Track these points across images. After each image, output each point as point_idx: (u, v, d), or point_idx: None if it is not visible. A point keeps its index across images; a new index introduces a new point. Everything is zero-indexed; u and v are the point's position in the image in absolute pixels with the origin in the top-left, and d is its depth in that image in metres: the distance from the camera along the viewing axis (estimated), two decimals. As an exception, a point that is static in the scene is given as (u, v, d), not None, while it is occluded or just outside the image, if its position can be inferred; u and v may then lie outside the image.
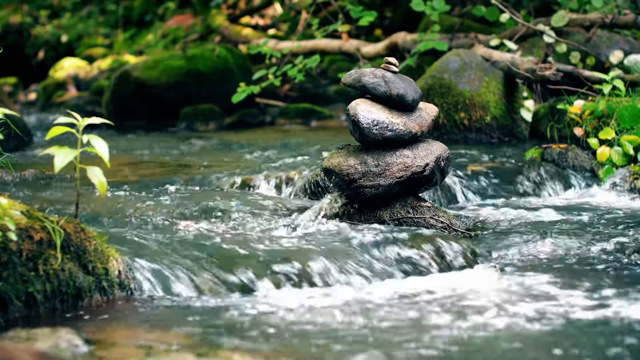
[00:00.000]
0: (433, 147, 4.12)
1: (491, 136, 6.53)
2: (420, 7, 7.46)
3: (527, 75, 6.41)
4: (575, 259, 3.71)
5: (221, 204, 4.45)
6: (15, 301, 2.81)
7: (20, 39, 16.75)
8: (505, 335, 2.75)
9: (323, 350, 2.62)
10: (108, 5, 16.92)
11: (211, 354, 2.39)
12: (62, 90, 13.08)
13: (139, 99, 9.53)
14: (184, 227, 4.03)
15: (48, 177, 5.29)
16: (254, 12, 13.96)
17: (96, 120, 3.15)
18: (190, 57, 9.77)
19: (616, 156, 5.24)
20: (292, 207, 4.47)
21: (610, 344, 2.65)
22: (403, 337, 2.74)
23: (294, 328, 2.84)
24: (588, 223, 4.26)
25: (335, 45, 9.32)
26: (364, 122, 4.00)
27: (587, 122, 5.63)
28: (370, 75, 4.06)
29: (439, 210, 4.15)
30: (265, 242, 3.69)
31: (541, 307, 3.02)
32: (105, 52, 15.21)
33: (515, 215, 4.54)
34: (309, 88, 11.13)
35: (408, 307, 3.08)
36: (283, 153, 6.58)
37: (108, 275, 3.08)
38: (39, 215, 2.97)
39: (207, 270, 3.29)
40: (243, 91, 7.52)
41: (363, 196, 4.08)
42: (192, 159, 6.43)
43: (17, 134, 6.02)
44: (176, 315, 2.99)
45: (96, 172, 3.01)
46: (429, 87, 6.59)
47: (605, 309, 2.99)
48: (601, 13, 7.00)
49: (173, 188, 4.95)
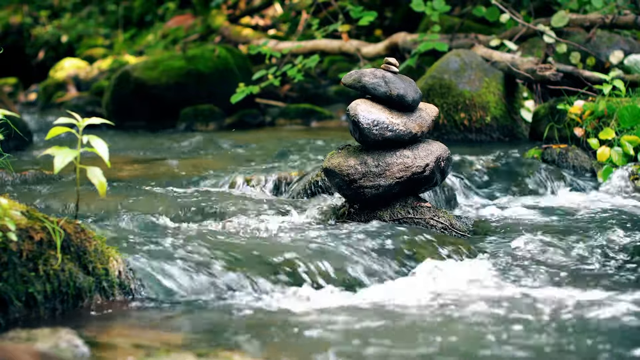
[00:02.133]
0: (433, 148, 4.12)
1: (491, 136, 6.53)
2: (421, 7, 7.46)
3: (527, 75, 6.41)
4: (575, 259, 3.71)
5: (221, 204, 4.45)
6: (15, 301, 2.81)
7: (21, 40, 16.75)
8: (505, 334, 2.75)
9: (323, 350, 2.62)
10: (108, 5, 16.92)
11: (211, 354, 2.39)
12: (62, 90, 13.08)
13: (139, 99, 9.53)
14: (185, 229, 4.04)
15: (48, 178, 5.29)
16: (254, 12, 13.96)
17: (96, 121, 3.15)
18: (190, 57, 9.77)
19: (616, 156, 5.24)
20: (292, 207, 4.47)
21: (609, 344, 2.65)
22: (402, 337, 2.74)
23: (294, 328, 2.84)
24: (588, 223, 4.26)
25: (335, 46, 9.32)
26: (364, 123, 4.00)
27: (587, 123, 5.63)
28: (370, 75, 4.06)
29: (439, 210, 4.15)
30: (265, 242, 3.69)
31: (541, 307, 3.02)
32: (105, 52, 15.21)
33: (516, 216, 4.54)
34: (309, 88, 11.13)
35: (407, 307, 3.08)
36: (283, 153, 6.58)
37: (108, 276, 3.08)
38: (39, 216, 2.97)
39: (208, 271, 3.29)
40: (242, 91, 7.52)
41: (363, 196, 4.08)
42: (193, 159, 6.43)
43: (17, 134, 6.02)
44: (176, 315, 2.99)
45: (96, 173, 3.01)
46: (429, 87, 6.59)
47: (605, 309, 2.99)
48: (601, 13, 7.00)
49: (173, 188, 4.95)
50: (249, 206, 4.45)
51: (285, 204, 4.52)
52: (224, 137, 8.04)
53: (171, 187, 4.98)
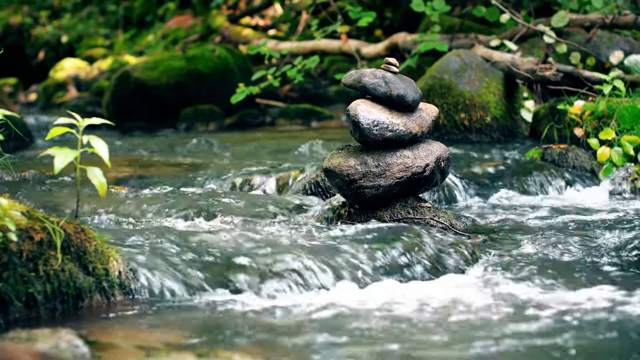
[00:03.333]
0: (433, 148, 4.12)
1: (491, 136, 6.53)
2: (421, 7, 7.46)
3: (527, 75, 6.41)
4: (575, 259, 3.71)
5: (222, 204, 4.45)
6: (15, 302, 2.81)
7: (21, 40, 16.75)
8: (505, 334, 2.75)
9: (323, 350, 2.62)
10: (108, 5, 16.92)
11: (211, 354, 2.39)
12: (63, 90, 13.08)
13: (139, 99, 9.53)
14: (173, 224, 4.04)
15: (48, 178, 5.29)
16: (254, 12, 13.96)
17: (96, 121, 3.15)
18: (190, 57, 9.77)
19: (616, 156, 5.24)
20: (293, 207, 4.47)
21: (609, 344, 2.65)
22: (401, 338, 2.74)
23: (294, 328, 2.84)
24: (588, 223, 4.26)
25: (335, 46, 9.32)
26: (364, 123, 4.00)
27: (587, 123, 5.63)
28: (370, 75, 4.06)
29: (439, 210, 4.15)
30: (265, 242, 3.68)
31: (542, 306, 3.02)
32: (105, 52, 15.21)
33: (516, 216, 4.54)
34: (309, 89, 11.13)
35: (407, 308, 3.07)
36: (283, 153, 6.58)
37: (108, 276, 3.08)
38: (39, 216, 2.97)
39: (208, 271, 3.29)
40: (242, 92, 7.53)
41: (363, 197, 4.08)
42: (193, 159, 6.43)
43: (17, 134, 6.03)
44: (176, 315, 2.99)
45: (96, 173, 3.01)
46: (429, 87, 6.59)
47: (605, 309, 2.99)
48: (601, 13, 7.00)
49: (173, 188, 4.95)
50: (250, 207, 4.45)
51: (286, 204, 4.52)
52: (224, 137, 8.04)
53: (172, 188, 4.98)
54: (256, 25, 13.84)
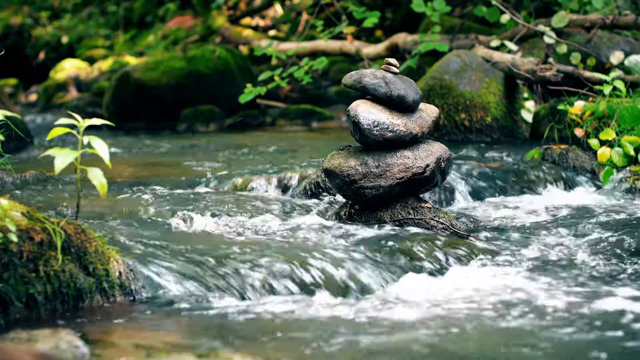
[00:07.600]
0: (434, 148, 4.12)
1: (492, 137, 6.53)
2: (421, 8, 7.46)
3: (527, 76, 6.41)
4: (575, 259, 3.71)
5: (222, 205, 4.45)
6: (15, 302, 2.81)
7: (21, 40, 16.75)
8: (502, 335, 2.75)
9: (323, 351, 2.62)
10: (108, 6, 16.92)
11: (211, 355, 2.39)
12: (63, 91, 13.08)
13: (139, 100, 9.53)
14: (175, 224, 4.04)
15: (49, 178, 5.29)
16: (254, 13, 13.96)
17: (97, 122, 3.15)
18: (190, 58, 9.77)
19: (617, 157, 5.24)
20: (293, 208, 4.47)
21: (608, 345, 2.65)
22: (400, 338, 2.74)
23: (294, 329, 2.84)
24: (588, 224, 4.26)
25: (335, 46, 9.32)
26: (364, 123, 4.00)
27: (587, 123, 5.62)
28: (370, 76, 4.06)
29: (439, 211, 4.15)
30: (266, 243, 3.69)
31: (541, 307, 3.02)
32: (105, 53, 15.21)
33: (516, 216, 4.54)
34: (309, 89, 11.13)
35: (406, 308, 3.08)
36: (283, 154, 6.58)
37: (109, 277, 3.08)
38: (40, 217, 2.97)
39: (208, 272, 3.29)
40: (250, 92, 7.53)
41: (363, 197, 4.08)
42: (193, 160, 6.43)
43: (17, 135, 6.03)
44: (177, 316, 2.99)
45: (96, 174, 3.01)
46: (429, 88, 6.59)
47: (604, 309, 2.99)
48: (601, 14, 7.00)
49: (174, 189, 4.95)
50: (250, 207, 4.45)
51: (286, 205, 4.52)
52: (225, 138, 8.04)
53: (172, 188, 4.98)
54: (256, 25, 13.84)
